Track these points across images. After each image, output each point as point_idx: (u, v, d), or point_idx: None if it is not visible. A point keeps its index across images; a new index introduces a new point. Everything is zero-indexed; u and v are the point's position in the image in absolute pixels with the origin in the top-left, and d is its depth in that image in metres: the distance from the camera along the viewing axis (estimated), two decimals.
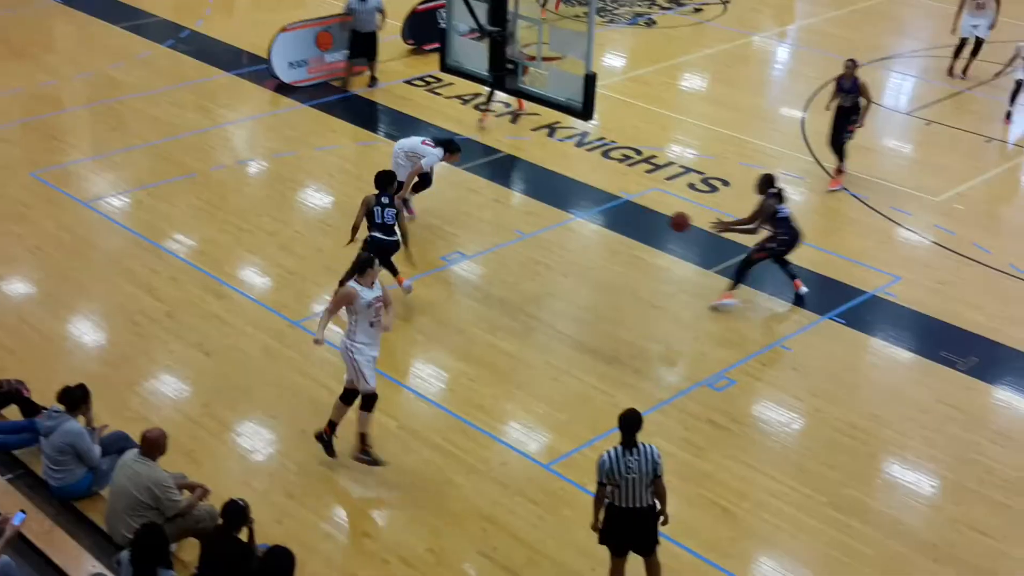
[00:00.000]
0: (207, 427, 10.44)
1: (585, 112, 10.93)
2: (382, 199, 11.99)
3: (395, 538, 9.29)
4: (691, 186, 15.39)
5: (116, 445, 9.20)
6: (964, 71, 19.34)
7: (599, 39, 19.85)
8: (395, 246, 12.18)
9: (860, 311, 12.70)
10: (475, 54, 11.84)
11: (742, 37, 21.17)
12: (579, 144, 16.59)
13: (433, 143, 13.64)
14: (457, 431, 10.54)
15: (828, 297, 12.91)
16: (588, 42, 10.60)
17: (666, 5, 22.72)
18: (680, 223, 12.67)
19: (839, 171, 15.40)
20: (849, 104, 15.11)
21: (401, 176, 13.23)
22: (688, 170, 15.86)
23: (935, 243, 14.18)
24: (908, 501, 9.98)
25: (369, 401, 9.76)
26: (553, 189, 15.27)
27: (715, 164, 16.05)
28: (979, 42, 19.18)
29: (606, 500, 8.11)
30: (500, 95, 16.82)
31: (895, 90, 19.42)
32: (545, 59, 11.55)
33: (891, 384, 11.64)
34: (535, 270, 13.34)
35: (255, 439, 10.37)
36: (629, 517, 8.07)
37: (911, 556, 9.34)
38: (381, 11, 18.15)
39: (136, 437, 8.82)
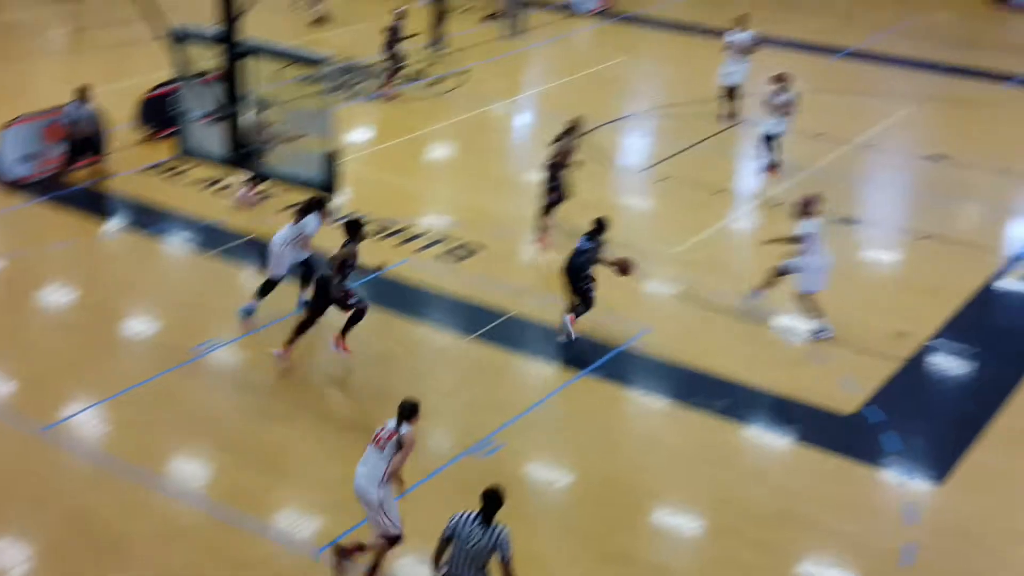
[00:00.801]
0: None
1: (329, 189, 10.88)
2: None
3: None
4: (444, 255, 15.53)
5: None
6: (730, 115, 20.73)
7: (342, 115, 20.05)
8: None
9: (615, 364, 13.07)
10: (213, 137, 11.60)
11: (481, 106, 21.66)
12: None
13: (301, 216, 13.30)
14: (220, 528, 10.13)
15: (583, 354, 13.23)
16: (328, 120, 10.58)
17: (406, 79, 23.00)
18: (624, 267, 13.08)
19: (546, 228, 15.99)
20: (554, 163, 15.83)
21: (283, 267, 13.31)
22: (440, 239, 16.00)
23: (680, 294, 14.80)
24: (673, 546, 10.27)
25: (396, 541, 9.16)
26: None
27: (466, 231, 16.27)
28: (733, 89, 20.61)
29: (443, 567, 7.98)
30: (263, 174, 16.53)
31: (632, 149, 20.28)
32: (286, 138, 11.44)
33: (650, 433, 12.00)
34: (298, 351, 13.08)
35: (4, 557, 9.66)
36: None
37: None
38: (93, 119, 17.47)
39: None
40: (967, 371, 13.34)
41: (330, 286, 12.37)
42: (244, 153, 11.36)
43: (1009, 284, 15.25)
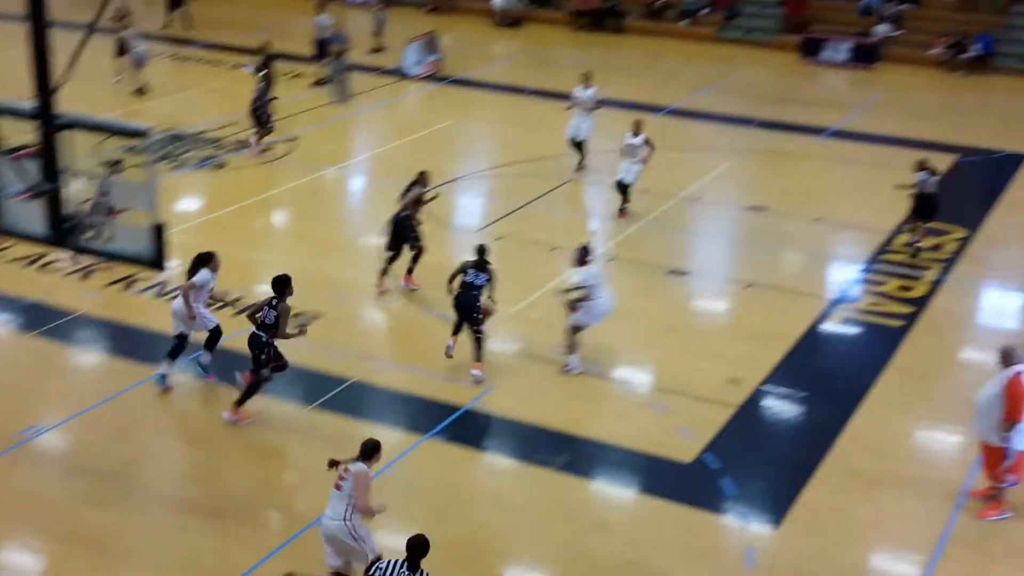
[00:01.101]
0: None
1: (157, 262, 10.57)
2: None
3: None
4: None
5: None
6: (579, 167, 21.64)
7: (169, 186, 19.65)
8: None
9: (459, 426, 13.06)
10: (33, 213, 11.18)
11: (314, 172, 21.53)
12: (160, 295, 16.07)
13: (195, 273, 13.26)
14: None
15: (427, 416, 13.19)
16: (153, 191, 10.32)
17: (234, 147, 22.70)
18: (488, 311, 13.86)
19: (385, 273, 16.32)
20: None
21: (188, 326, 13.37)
22: None
23: (521, 352, 14.92)
24: None
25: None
26: (136, 344, 14.64)
27: (302, 300, 16.03)
28: (580, 143, 21.54)
29: None
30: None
31: (466, 210, 20.46)
32: (110, 212, 11.12)
33: (497, 492, 12.01)
34: (127, 432, 12.64)
35: None
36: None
37: None
38: None
39: None
40: (797, 414, 13.81)
41: (268, 345, 12.63)
42: (65, 229, 10.99)
43: (831, 327, 15.91)
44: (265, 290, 16.39)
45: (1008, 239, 19.29)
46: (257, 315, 12.74)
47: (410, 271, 16.37)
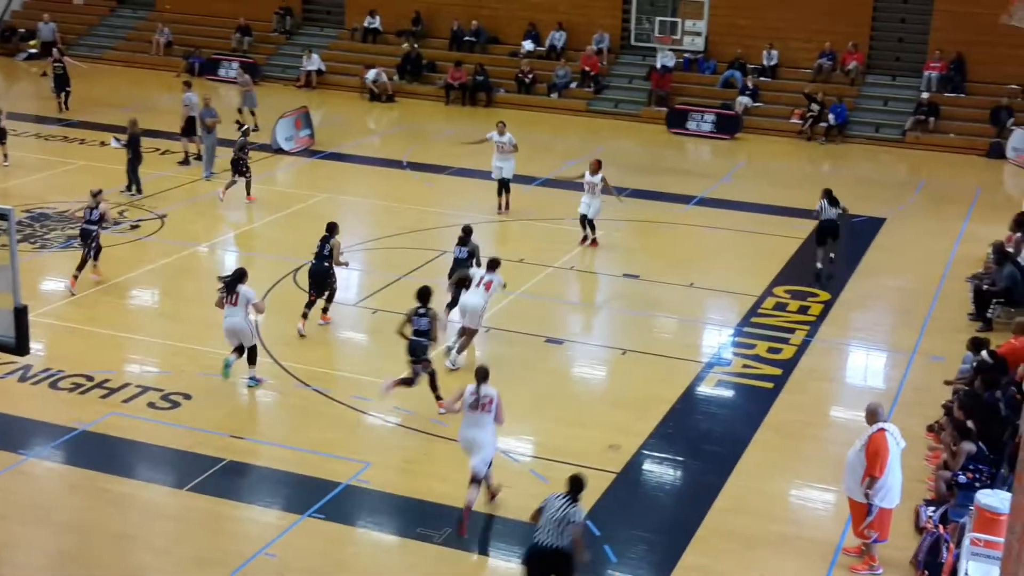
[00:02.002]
0: None
1: (19, 348, 10.23)
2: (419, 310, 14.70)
3: None
4: (151, 405, 14.91)
5: None
6: (505, 207, 23.55)
7: (31, 266, 19.10)
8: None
9: (337, 503, 12.84)
10: None
11: (184, 248, 21.17)
12: (22, 379, 15.51)
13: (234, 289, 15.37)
14: None
15: (304, 495, 12.94)
16: (13, 274, 10.01)
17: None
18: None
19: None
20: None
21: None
22: (146, 389, 15.36)
23: (399, 425, 14.80)
24: None
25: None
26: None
27: (173, 379, 15.70)
28: (503, 182, 23.35)
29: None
30: None
31: (342, 284, 20.31)
32: None
33: (378, 570, 11.81)
34: None
35: None
36: (542, 551, 10.36)
37: None
38: None
39: None
40: (675, 477, 13.98)
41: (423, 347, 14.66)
42: None
43: (706, 390, 16.19)
44: (134, 370, 16.02)
45: (868, 301, 19.98)
46: (410, 321, 14.72)
47: (325, 310, 17.72)
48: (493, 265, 16.58)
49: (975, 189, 27.17)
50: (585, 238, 21.88)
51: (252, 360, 15.56)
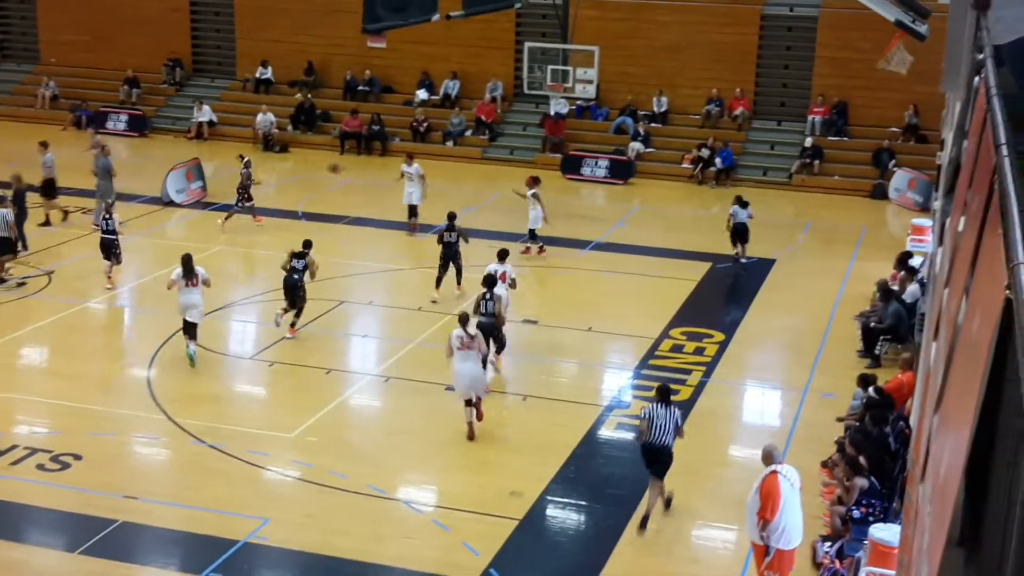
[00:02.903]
0: None
1: None
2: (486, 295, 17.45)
3: None
4: (40, 467, 14.45)
5: None
6: (414, 228, 25.40)
7: None
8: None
9: (236, 562, 12.57)
10: None
11: (74, 305, 20.66)
12: None
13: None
14: None
15: (202, 554, 12.65)
16: None
17: None
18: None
19: None
20: None
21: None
22: (35, 450, 14.89)
23: (298, 478, 14.59)
24: None
25: None
26: None
27: (63, 440, 15.26)
28: (414, 207, 25.50)
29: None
30: None
31: (238, 337, 20.05)
32: None
33: None
34: None
35: None
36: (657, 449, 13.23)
37: None
38: None
39: None
40: (578, 522, 14.01)
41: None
42: None
43: (606, 434, 16.30)
44: (22, 431, 15.53)
45: (761, 340, 20.39)
46: (479, 306, 17.30)
47: (293, 324, 19.04)
48: (502, 256, 19.04)
49: (860, 229, 27.99)
50: (537, 247, 24.73)
51: (196, 335, 17.65)
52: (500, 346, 17.95)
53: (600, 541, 13.35)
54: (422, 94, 35.92)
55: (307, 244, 19.40)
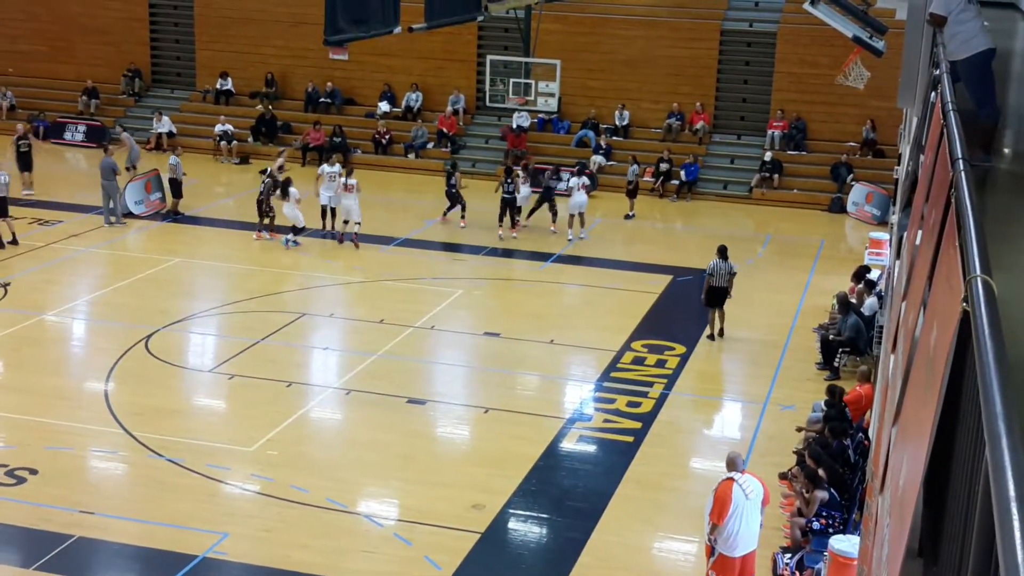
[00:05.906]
0: None
1: None
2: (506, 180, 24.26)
3: None
4: None
5: None
6: (341, 240, 25.14)
7: None
8: None
9: None
10: None
11: (29, 318, 20.41)
12: None
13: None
14: None
15: (159, 570, 12.51)
16: None
17: None
18: None
19: None
20: None
21: None
22: None
23: (257, 492, 14.47)
24: None
25: None
26: None
27: (18, 454, 15.05)
28: (332, 209, 25.48)
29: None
30: None
31: (197, 350, 19.87)
32: None
33: None
34: None
35: None
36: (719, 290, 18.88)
37: None
38: None
39: None
40: (540, 535, 13.99)
41: None
42: None
43: (568, 446, 16.30)
44: None
45: (722, 353, 20.48)
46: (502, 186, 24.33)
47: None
48: (581, 169, 26.69)
49: (819, 242, 28.22)
50: (516, 222, 26.95)
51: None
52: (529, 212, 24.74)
53: (562, 554, 13.34)
54: (384, 106, 35.85)
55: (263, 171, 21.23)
